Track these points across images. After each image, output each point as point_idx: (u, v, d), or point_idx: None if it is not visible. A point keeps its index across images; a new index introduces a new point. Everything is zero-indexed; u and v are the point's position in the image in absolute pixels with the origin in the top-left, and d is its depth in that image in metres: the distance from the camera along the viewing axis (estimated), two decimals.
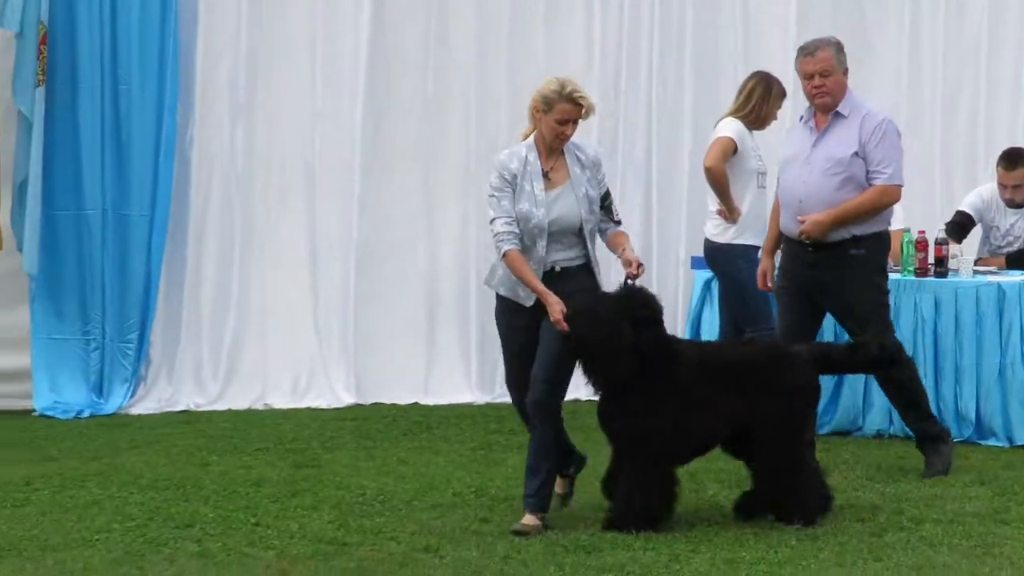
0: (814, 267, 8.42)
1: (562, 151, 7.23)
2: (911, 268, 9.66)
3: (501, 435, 10.04)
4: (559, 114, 7.04)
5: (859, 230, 8.37)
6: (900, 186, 8.59)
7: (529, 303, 7.04)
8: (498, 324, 7.47)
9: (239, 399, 11.44)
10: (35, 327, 11.37)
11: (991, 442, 9.29)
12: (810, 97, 8.60)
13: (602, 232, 7.37)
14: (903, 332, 9.47)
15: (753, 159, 9.66)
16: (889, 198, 8.49)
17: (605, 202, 7.29)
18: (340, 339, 11.71)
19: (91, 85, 11.28)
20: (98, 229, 11.39)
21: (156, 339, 11.45)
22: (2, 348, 11.44)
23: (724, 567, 6.44)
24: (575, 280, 7.17)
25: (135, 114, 11.27)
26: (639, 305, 6.91)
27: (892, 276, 9.61)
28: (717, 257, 9.81)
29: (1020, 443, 9.25)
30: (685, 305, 11.78)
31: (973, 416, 9.43)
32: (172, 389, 11.43)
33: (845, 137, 8.43)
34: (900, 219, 10.29)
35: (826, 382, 9.50)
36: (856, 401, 9.82)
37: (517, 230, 7.09)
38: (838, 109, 8.41)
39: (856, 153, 8.43)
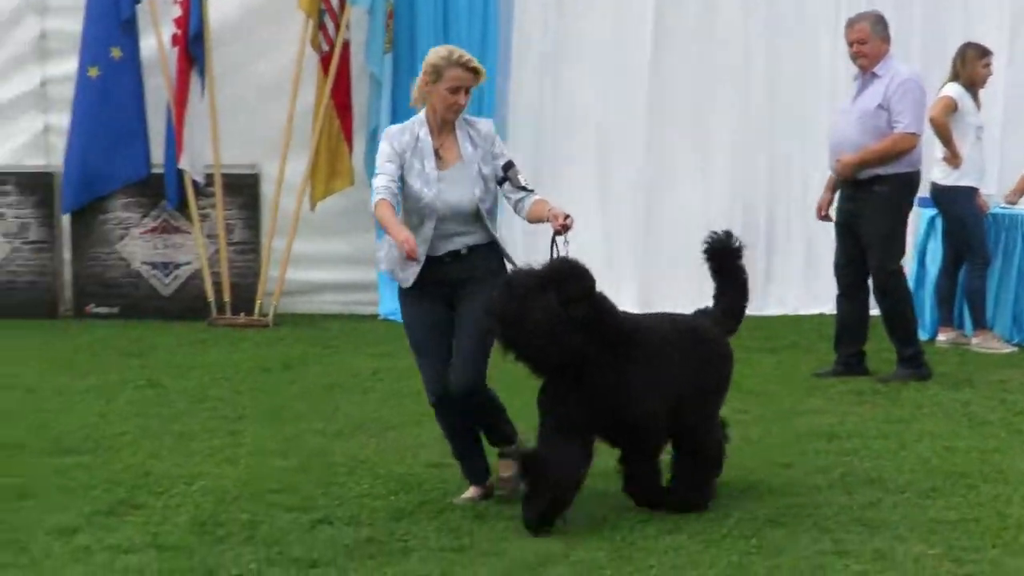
0: (850, 200, 8.80)
1: (454, 128, 6.08)
2: None
3: (755, 340, 9.98)
4: (450, 82, 5.91)
5: (882, 171, 8.63)
6: (915, 134, 8.84)
7: (407, 285, 5.89)
8: (403, 315, 6.16)
9: None
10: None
11: None
12: (852, 60, 9.04)
13: (519, 206, 6.01)
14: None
15: (971, 115, 9.92)
16: (905, 144, 8.67)
17: (507, 172, 5.99)
18: (628, 263, 11.81)
19: (427, 51, 11.26)
20: None
21: None
22: (356, 265, 11.76)
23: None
24: (481, 260, 5.95)
25: None
26: (566, 278, 5.48)
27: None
28: (942, 197, 10.05)
29: None
30: (912, 239, 11.46)
31: None
32: None
33: (875, 93, 8.74)
34: None
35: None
36: None
37: (396, 190, 5.91)
38: (874, 70, 8.77)
39: (880, 105, 8.73)
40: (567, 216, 5.72)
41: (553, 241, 5.75)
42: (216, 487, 6.52)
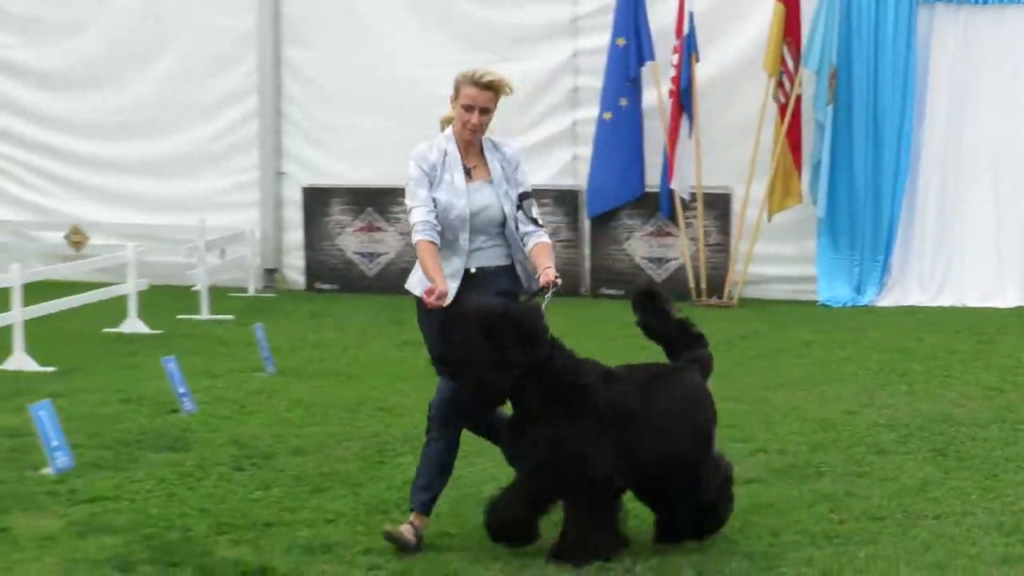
0: None
1: (482, 149, 5.40)
2: None
3: None
4: (464, 99, 5.24)
5: None
6: None
7: (447, 303, 5.07)
8: (421, 327, 5.41)
9: (946, 299, 12.46)
10: (820, 250, 12.82)
11: None
12: None
13: (525, 239, 5.29)
14: None
15: None
16: None
17: (523, 202, 5.33)
18: (1013, 261, 12.66)
19: (860, 101, 12.41)
20: (861, 191, 12.67)
21: (895, 259, 12.53)
22: (800, 262, 12.98)
23: None
24: (496, 282, 5.28)
25: (886, 119, 12.40)
26: (522, 324, 4.86)
27: None
28: None
29: None
30: None
31: None
32: (903, 291, 12.58)
33: None
34: None
35: None
36: None
37: (435, 221, 5.23)
38: None
39: None
40: (558, 276, 5.11)
41: (537, 292, 5.16)
42: None
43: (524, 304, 5.03)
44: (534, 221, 5.30)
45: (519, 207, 5.29)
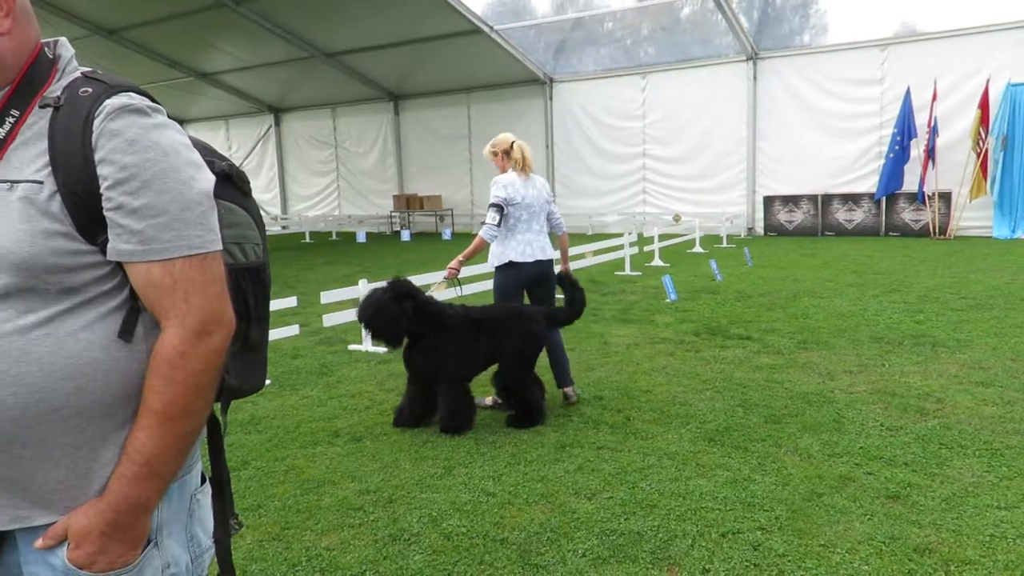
0: None
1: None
2: None
3: None
4: None
5: None
6: None
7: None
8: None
9: None
10: (995, 214, 16.73)
11: None
12: None
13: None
14: None
15: None
16: None
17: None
18: None
19: (1019, 150, 16.29)
20: (1016, 186, 16.29)
21: None
22: (985, 219, 16.53)
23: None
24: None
25: None
26: (400, 290, 5.78)
27: None
28: None
29: None
30: None
31: None
32: None
33: None
34: None
35: None
36: None
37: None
38: None
39: None
40: (451, 270, 6.25)
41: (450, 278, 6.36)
42: None
43: (403, 281, 5.84)
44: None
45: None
